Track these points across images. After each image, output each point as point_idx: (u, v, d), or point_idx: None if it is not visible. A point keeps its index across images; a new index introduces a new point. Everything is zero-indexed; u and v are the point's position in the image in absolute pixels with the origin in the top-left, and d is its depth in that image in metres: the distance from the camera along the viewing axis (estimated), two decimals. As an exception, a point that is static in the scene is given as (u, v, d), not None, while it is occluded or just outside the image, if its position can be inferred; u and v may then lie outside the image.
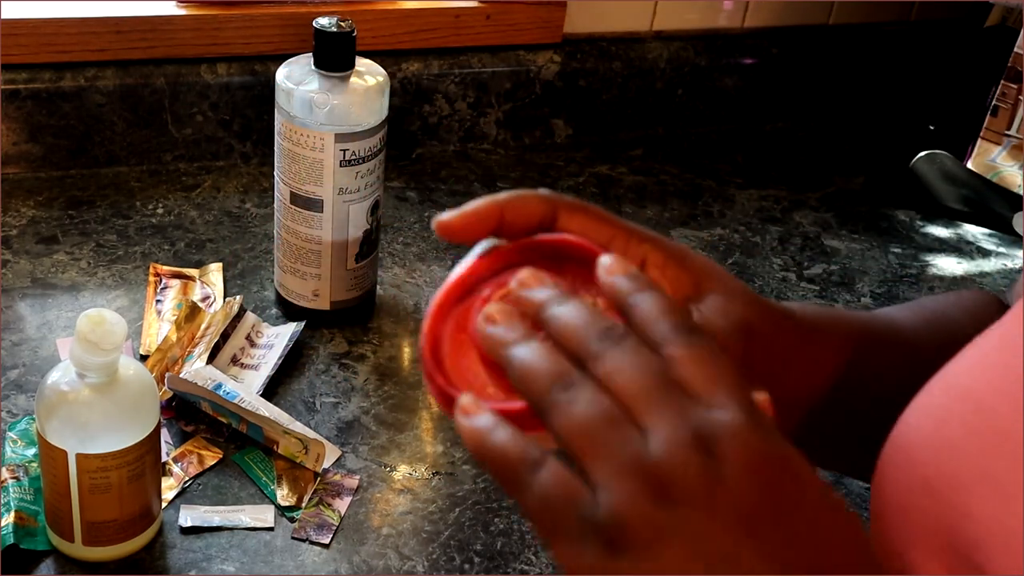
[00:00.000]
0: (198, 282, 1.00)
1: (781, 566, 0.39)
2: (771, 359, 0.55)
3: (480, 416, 0.42)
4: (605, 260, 0.45)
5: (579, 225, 0.51)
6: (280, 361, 0.92)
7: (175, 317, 0.94)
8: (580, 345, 0.42)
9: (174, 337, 0.92)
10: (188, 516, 0.80)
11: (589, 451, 0.40)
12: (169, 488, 0.82)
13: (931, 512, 0.47)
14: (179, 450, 0.84)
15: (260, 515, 0.81)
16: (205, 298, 0.99)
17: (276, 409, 0.88)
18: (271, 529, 0.80)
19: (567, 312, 0.43)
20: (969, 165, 1.21)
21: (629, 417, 0.40)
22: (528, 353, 0.42)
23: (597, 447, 0.40)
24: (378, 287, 1.01)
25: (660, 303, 0.43)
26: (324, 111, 0.88)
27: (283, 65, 0.91)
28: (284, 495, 0.82)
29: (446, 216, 0.50)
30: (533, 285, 0.45)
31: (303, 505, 0.82)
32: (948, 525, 0.46)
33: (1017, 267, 1.17)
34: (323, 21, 0.88)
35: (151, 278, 1.00)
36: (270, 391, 0.90)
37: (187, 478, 0.83)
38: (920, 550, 0.47)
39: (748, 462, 0.39)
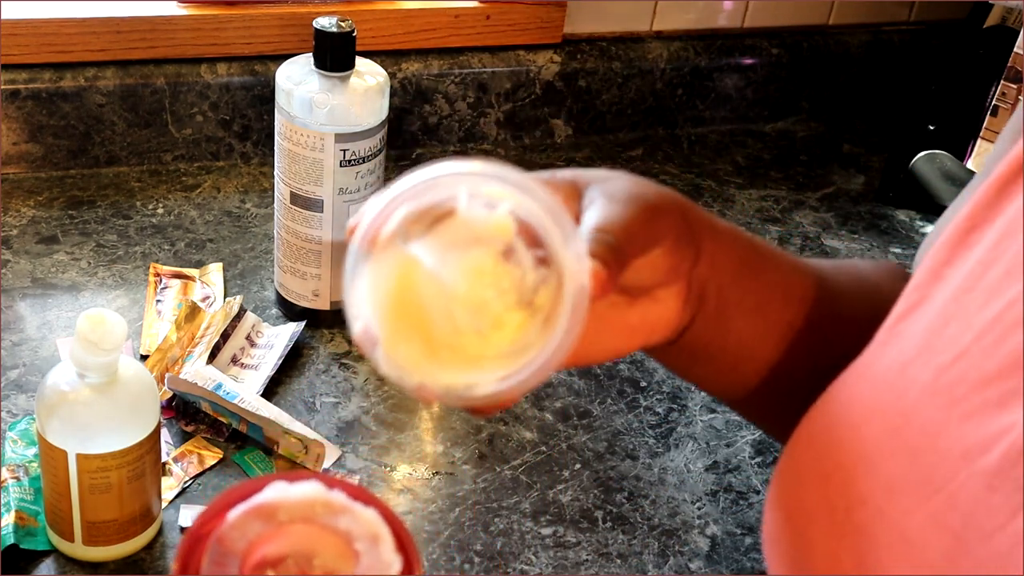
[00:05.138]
0: (198, 282, 1.00)
1: None
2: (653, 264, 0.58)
3: None
4: None
5: None
6: (280, 361, 0.92)
7: (175, 317, 0.94)
8: None
9: (174, 337, 0.92)
10: (188, 516, 0.80)
11: None
12: (169, 488, 0.82)
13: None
14: (179, 450, 0.85)
15: (260, 515, 0.81)
16: (205, 298, 0.99)
17: (276, 409, 0.88)
18: (271, 529, 0.80)
19: None
20: (969, 165, 1.21)
21: None
22: None
23: None
24: (378, 287, 1.01)
25: None
26: (324, 111, 0.88)
27: (283, 65, 0.91)
28: (284, 495, 0.82)
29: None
30: None
31: (303, 505, 0.82)
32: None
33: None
34: (323, 21, 0.88)
35: (151, 278, 1.00)
36: (270, 391, 0.90)
37: (187, 478, 0.83)
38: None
39: None
